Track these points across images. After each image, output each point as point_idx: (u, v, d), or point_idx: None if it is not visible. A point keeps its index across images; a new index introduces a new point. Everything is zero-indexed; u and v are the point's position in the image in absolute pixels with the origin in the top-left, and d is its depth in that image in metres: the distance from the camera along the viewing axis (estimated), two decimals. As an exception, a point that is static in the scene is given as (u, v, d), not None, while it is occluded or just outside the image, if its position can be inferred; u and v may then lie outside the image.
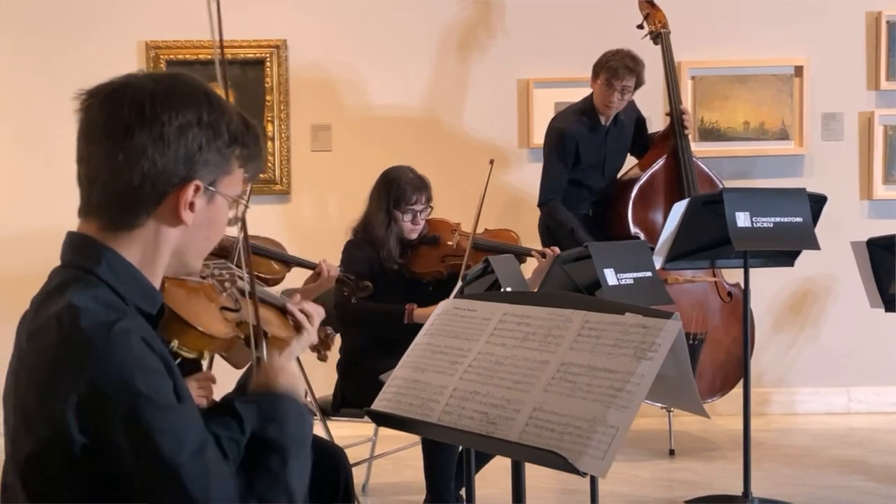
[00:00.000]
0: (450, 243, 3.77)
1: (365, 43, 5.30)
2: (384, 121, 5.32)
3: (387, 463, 4.32)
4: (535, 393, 1.83)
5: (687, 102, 5.30)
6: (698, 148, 5.33)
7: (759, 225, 3.60)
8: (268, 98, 5.25)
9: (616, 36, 4.84)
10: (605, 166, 4.75)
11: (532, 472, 1.97)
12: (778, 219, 3.63)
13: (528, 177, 5.11)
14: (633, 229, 4.63)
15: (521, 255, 3.83)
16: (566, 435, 1.74)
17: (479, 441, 1.84)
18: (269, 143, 5.26)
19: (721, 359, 4.67)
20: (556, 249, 3.77)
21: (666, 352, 1.77)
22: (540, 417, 1.79)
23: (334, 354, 3.88)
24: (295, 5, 5.28)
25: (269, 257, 3.16)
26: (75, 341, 1.35)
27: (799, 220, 3.65)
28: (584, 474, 1.68)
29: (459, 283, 2.58)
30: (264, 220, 5.30)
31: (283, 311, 2.17)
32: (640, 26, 4.85)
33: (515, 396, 1.85)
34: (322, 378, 4.25)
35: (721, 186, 4.79)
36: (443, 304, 2.16)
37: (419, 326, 3.37)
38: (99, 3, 5.24)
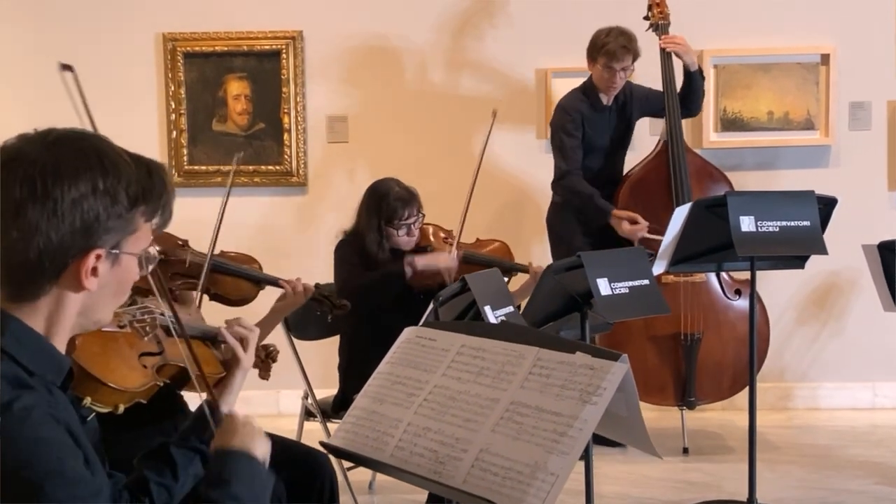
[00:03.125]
0: (441, 250, 3.75)
1: (381, 33, 5.25)
2: (401, 112, 5.28)
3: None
4: (483, 433, 1.81)
5: (709, 92, 5.19)
6: (720, 138, 5.25)
7: (763, 229, 3.51)
8: (284, 90, 5.23)
9: (635, 25, 4.73)
10: (608, 147, 4.69)
11: None
12: (784, 223, 3.53)
13: (544, 167, 5.04)
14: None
15: (511, 271, 3.80)
16: (508, 480, 1.71)
17: (427, 484, 1.82)
18: (286, 135, 5.26)
19: (731, 357, 4.59)
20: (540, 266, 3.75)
21: (611, 395, 1.74)
22: (485, 459, 1.77)
23: (332, 356, 3.91)
24: (310, -4, 5.25)
25: (238, 276, 3.10)
26: None
27: (806, 223, 3.54)
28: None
29: (432, 305, 2.55)
30: (280, 213, 5.34)
31: (212, 342, 2.13)
32: (647, 17, 4.76)
33: (464, 435, 1.83)
34: (321, 379, 4.26)
35: (724, 180, 4.69)
36: (407, 332, 2.14)
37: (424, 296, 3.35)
38: (117, -6, 5.26)
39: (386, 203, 3.70)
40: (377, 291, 3.64)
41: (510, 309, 2.71)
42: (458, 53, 5.27)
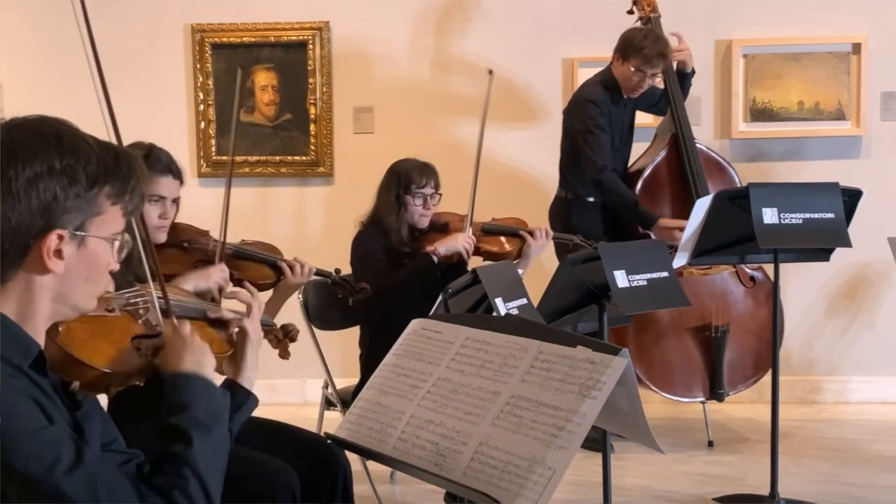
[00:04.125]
0: (458, 229, 3.80)
1: (407, 24, 5.26)
2: (426, 102, 5.28)
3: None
4: (484, 426, 1.81)
5: (738, 82, 5.15)
6: (749, 128, 5.19)
7: (787, 221, 3.47)
8: (310, 80, 5.25)
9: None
10: (622, 144, 4.62)
11: None
12: (808, 215, 3.49)
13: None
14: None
15: (518, 236, 3.84)
16: (506, 474, 1.71)
17: (427, 476, 1.82)
18: (312, 126, 5.28)
19: (751, 345, 4.54)
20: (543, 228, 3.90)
21: (610, 389, 1.73)
22: (485, 453, 1.77)
23: (355, 345, 3.92)
24: (337, -14, 5.26)
25: (260, 262, 3.16)
26: None
27: (830, 216, 3.50)
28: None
29: (441, 297, 2.55)
30: (307, 203, 5.36)
31: (217, 323, 2.11)
32: (630, 12, 4.67)
33: (465, 428, 1.83)
34: (344, 368, 4.28)
35: (731, 171, 4.64)
36: (413, 323, 2.15)
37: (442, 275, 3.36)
38: (146, -14, 5.31)
39: (405, 172, 3.80)
40: (413, 287, 3.66)
41: (523, 301, 2.70)
42: (486, 43, 5.25)
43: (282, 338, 2.69)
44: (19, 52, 5.33)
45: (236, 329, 2.08)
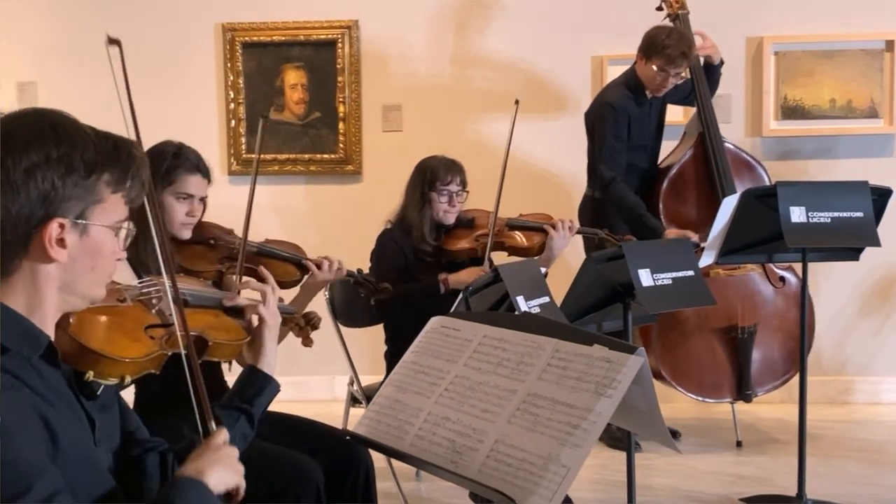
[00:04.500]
0: (484, 224, 3.80)
1: (435, 23, 5.26)
2: (455, 100, 5.28)
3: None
4: (500, 424, 1.81)
5: (769, 79, 5.11)
6: (781, 126, 5.14)
7: (815, 220, 3.44)
8: (339, 79, 5.27)
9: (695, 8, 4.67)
10: (650, 144, 4.59)
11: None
12: (836, 214, 3.46)
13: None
14: (666, 223, 4.45)
15: (541, 230, 3.81)
16: (521, 472, 1.72)
17: (444, 473, 1.83)
18: (341, 124, 5.30)
19: (781, 345, 4.50)
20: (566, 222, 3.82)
21: (625, 388, 1.73)
22: (500, 450, 1.77)
23: (381, 343, 3.93)
24: (366, -15, 5.28)
25: (285, 260, 3.17)
26: None
27: (859, 214, 3.46)
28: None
29: (461, 294, 2.55)
30: (336, 201, 5.39)
31: (233, 310, 2.12)
32: (659, 8, 4.63)
33: (481, 426, 1.84)
34: (370, 365, 4.30)
35: (761, 170, 4.59)
36: (432, 321, 2.15)
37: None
38: (178, -15, 5.35)
39: (430, 169, 3.80)
40: (413, 305, 3.67)
41: (545, 299, 2.69)
42: (515, 40, 5.24)
43: (303, 325, 2.69)
44: (51, 50, 5.39)
45: (253, 316, 2.08)
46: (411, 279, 3.67)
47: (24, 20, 5.39)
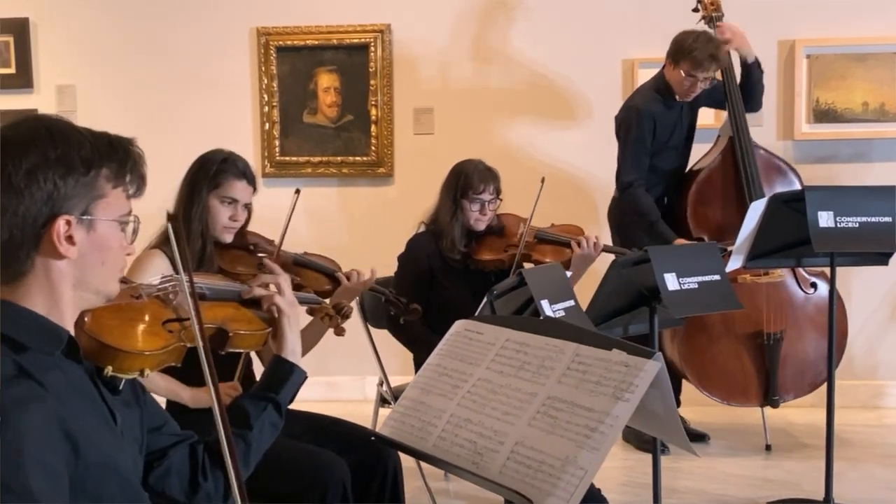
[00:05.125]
0: (514, 234, 3.78)
1: (465, 27, 5.30)
2: (485, 103, 5.32)
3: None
4: (520, 426, 1.85)
5: (801, 82, 5.10)
6: (812, 129, 5.13)
7: (843, 225, 3.44)
8: (372, 82, 5.32)
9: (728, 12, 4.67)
10: (679, 146, 4.58)
11: (604, 464, 1.91)
12: (864, 218, 3.45)
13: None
14: (693, 227, 4.47)
15: (566, 245, 3.79)
16: (539, 473, 1.75)
17: (465, 474, 1.87)
18: (373, 127, 5.36)
19: (813, 351, 4.47)
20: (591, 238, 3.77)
21: (642, 392, 1.75)
22: (520, 452, 1.81)
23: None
24: (399, -11, 5.33)
25: (318, 271, 3.24)
26: None
27: (888, 219, 3.46)
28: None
29: (486, 298, 2.59)
30: (368, 202, 5.44)
31: (251, 302, 2.15)
32: (696, 10, 4.64)
33: (502, 428, 1.87)
34: (400, 366, 4.34)
35: (792, 171, 4.56)
36: (457, 324, 2.19)
37: (496, 277, 3.36)
38: (214, -10, 5.44)
39: (465, 175, 3.76)
40: (421, 351, 3.71)
41: (570, 303, 2.72)
42: (545, 43, 5.27)
43: (334, 314, 2.71)
44: (90, 54, 5.49)
45: (272, 307, 2.11)
46: (434, 286, 3.67)
47: (63, 24, 5.50)
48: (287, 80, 5.39)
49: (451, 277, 3.74)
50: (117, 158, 1.59)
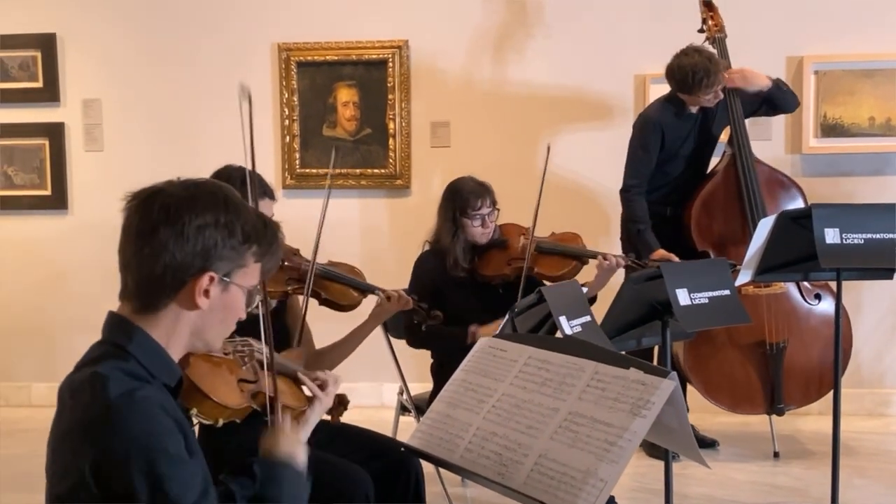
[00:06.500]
0: (517, 246, 3.90)
1: (481, 42, 5.44)
2: (500, 117, 5.45)
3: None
4: (543, 440, 1.98)
5: (809, 98, 5.21)
6: (820, 144, 5.25)
7: (848, 241, 3.56)
8: (390, 97, 5.47)
9: (734, 29, 4.80)
10: (690, 155, 4.72)
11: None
12: (869, 235, 3.57)
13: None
14: (697, 238, 4.62)
15: (584, 258, 3.90)
16: (562, 484, 1.88)
17: (491, 484, 2.00)
18: (391, 140, 5.50)
19: (818, 361, 4.58)
20: (612, 258, 3.85)
21: (658, 409, 1.88)
22: (543, 464, 1.94)
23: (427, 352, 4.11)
24: (417, 6, 5.46)
25: (346, 285, 3.37)
26: (104, 405, 1.61)
27: (892, 236, 3.57)
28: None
29: (508, 316, 2.72)
30: (385, 213, 5.58)
31: (297, 381, 2.37)
32: (701, 30, 4.78)
33: (526, 441, 2.00)
34: (418, 375, 4.47)
35: (795, 186, 4.68)
36: (481, 341, 2.33)
37: (504, 290, 3.45)
38: (235, 6, 5.57)
39: (459, 195, 3.88)
40: (440, 347, 3.87)
41: (587, 318, 2.85)
42: (558, 59, 5.40)
43: (336, 405, 2.88)
44: (118, 68, 5.65)
45: (310, 394, 2.36)
46: (443, 302, 3.79)
47: (90, 40, 5.66)
48: (307, 94, 5.53)
49: (459, 291, 3.86)
50: (267, 239, 1.81)
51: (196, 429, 2.41)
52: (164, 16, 5.60)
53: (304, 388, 2.42)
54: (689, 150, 4.72)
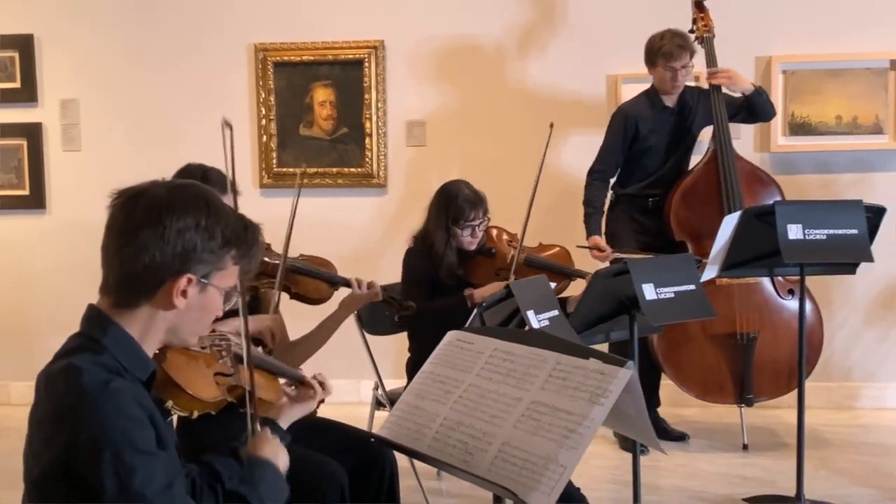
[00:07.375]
0: (505, 255, 3.97)
1: (456, 43, 5.51)
2: (475, 116, 5.53)
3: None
4: (507, 428, 2.05)
5: (777, 97, 5.31)
6: (788, 142, 5.35)
7: (811, 237, 3.66)
8: (366, 96, 5.53)
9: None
10: (667, 150, 4.84)
11: (591, 462, 2.10)
12: (832, 231, 3.67)
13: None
14: (675, 229, 4.76)
15: (572, 276, 3.99)
16: (524, 470, 1.95)
17: (457, 472, 2.07)
18: (367, 139, 5.56)
19: (786, 355, 4.66)
20: None
21: (616, 397, 1.96)
22: (507, 452, 2.01)
23: (404, 349, 4.17)
24: (392, 7, 5.53)
25: (314, 277, 3.41)
26: (78, 395, 1.67)
27: (854, 232, 3.67)
28: (532, 508, 1.90)
29: (476, 310, 2.78)
30: (362, 212, 5.64)
31: (276, 374, 2.42)
32: (691, 30, 4.90)
33: (491, 430, 2.07)
34: (393, 370, 4.54)
35: (773, 184, 4.79)
36: (449, 335, 2.39)
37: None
38: (213, 7, 5.62)
39: (455, 204, 3.94)
40: (440, 321, 3.87)
41: (554, 313, 2.92)
42: (532, 59, 5.48)
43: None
44: (95, 68, 5.68)
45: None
46: (437, 295, 3.85)
47: (67, 40, 5.69)
48: (284, 93, 5.59)
49: (449, 293, 3.94)
50: (247, 243, 1.87)
51: (174, 419, 2.48)
52: (142, 16, 5.64)
53: (282, 381, 2.47)
54: (664, 144, 4.84)
